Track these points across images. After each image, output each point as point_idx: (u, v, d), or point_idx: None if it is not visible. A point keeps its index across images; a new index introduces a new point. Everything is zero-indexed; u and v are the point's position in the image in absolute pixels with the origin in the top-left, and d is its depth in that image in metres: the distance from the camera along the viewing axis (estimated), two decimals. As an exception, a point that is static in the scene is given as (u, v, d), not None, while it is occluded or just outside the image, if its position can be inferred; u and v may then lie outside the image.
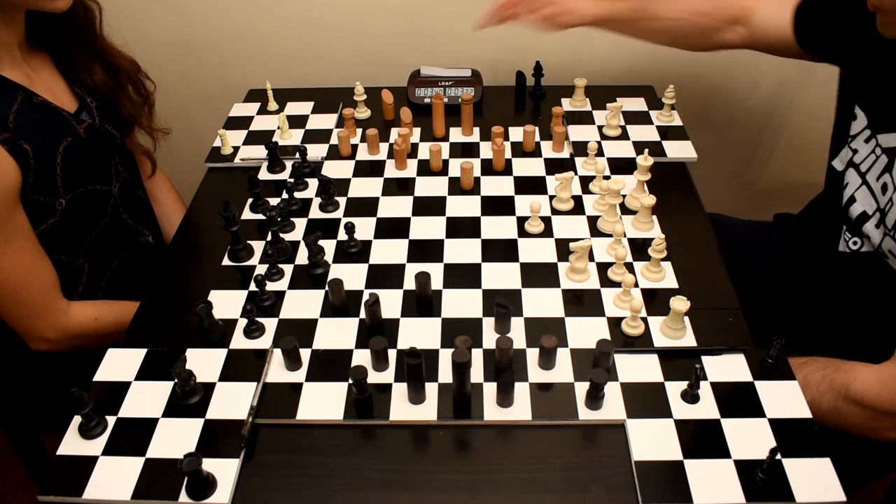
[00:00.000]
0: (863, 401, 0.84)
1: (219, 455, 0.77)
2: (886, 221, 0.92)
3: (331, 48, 1.57)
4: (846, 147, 1.02)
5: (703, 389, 0.83)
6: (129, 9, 1.50)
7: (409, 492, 0.76)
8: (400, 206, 1.14)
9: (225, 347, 0.91)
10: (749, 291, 1.15)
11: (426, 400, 0.83)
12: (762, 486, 0.73)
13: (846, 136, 1.03)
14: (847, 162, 1.02)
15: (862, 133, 0.99)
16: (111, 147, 1.09)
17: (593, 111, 1.36)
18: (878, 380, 0.84)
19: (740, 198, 1.79)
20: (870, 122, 0.98)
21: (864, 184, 0.98)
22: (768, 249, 1.23)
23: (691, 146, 1.26)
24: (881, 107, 0.97)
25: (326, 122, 1.36)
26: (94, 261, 1.09)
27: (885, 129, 0.94)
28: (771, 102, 1.63)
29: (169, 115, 1.25)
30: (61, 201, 0.99)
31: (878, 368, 0.85)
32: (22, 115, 0.93)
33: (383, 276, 1.01)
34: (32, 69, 1.01)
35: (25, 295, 0.96)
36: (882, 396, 0.83)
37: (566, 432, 0.81)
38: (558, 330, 0.92)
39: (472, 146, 1.28)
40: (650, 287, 0.98)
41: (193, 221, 1.16)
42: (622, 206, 1.12)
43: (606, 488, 0.75)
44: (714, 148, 1.69)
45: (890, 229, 0.91)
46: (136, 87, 1.14)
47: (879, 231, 0.94)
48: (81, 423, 0.79)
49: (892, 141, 0.93)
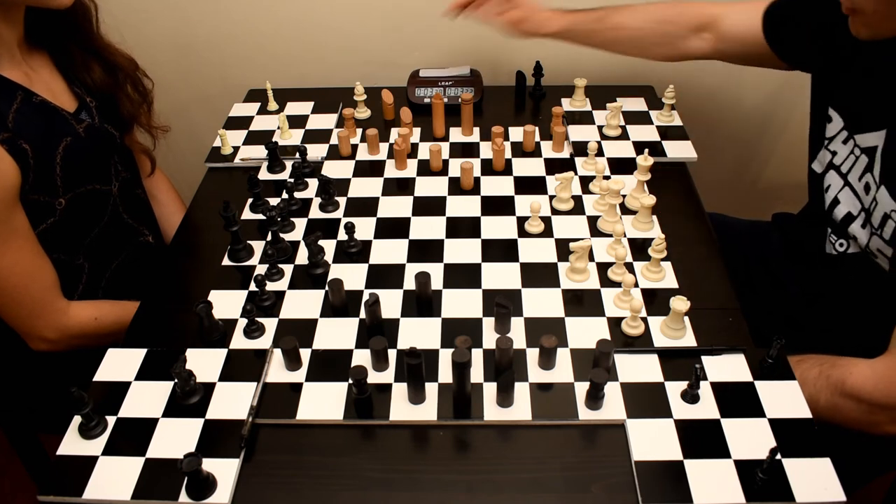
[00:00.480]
0: (859, 395, 0.84)
1: (219, 455, 0.77)
2: (872, 221, 0.92)
3: (331, 48, 1.57)
4: (823, 149, 1.03)
5: (703, 389, 0.83)
6: (130, 9, 1.50)
7: (409, 492, 0.76)
8: (400, 206, 1.14)
9: (225, 347, 0.91)
10: (749, 291, 1.15)
11: (426, 400, 0.83)
12: (762, 486, 0.73)
13: (822, 138, 1.03)
14: (826, 164, 1.02)
15: (839, 135, 0.99)
16: (111, 147, 1.09)
17: (593, 111, 1.36)
18: (873, 374, 0.85)
19: (740, 198, 1.79)
20: (846, 124, 0.98)
21: (847, 185, 0.98)
22: (768, 249, 1.23)
23: (691, 146, 1.26)
24: (856, 107, 0.97)
25: (326, 122, 1.36)
26: (93, 260, 1.09)
27: (862, 129, 0.95)
28: (771, 102, 1.63)
29: (169, 114, 1.25)
30: (61, 201, 0.99)
31: (873, 363, 0.86)
32: (21, 115, 0.93)
33: (383, 276, 1.01)
34: (32, 69, 1.01)
35: (25, 295, 0.96)
36: (878, 390, 0.84)
37: (566, 432, 0.81)
38: (558, 330, 0.92)
39: (472, 146, 1.28)
40: (650, 287, 0.98)
41: (193, 221, 1.16)
42: (622, 206, 1.12)
43: (606, 488, 0.75)
44: (714, 148, 1.69)
45: (876, 228, 0.91)
46: (135, 84, 1.14)
47: (866, 231, 0.95)
48: (81, 423, 0.79)
49: (870, 140, 0.93)
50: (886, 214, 0.89)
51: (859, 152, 0.95)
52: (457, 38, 1.54)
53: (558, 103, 1.36)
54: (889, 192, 0.88)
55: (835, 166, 1.00)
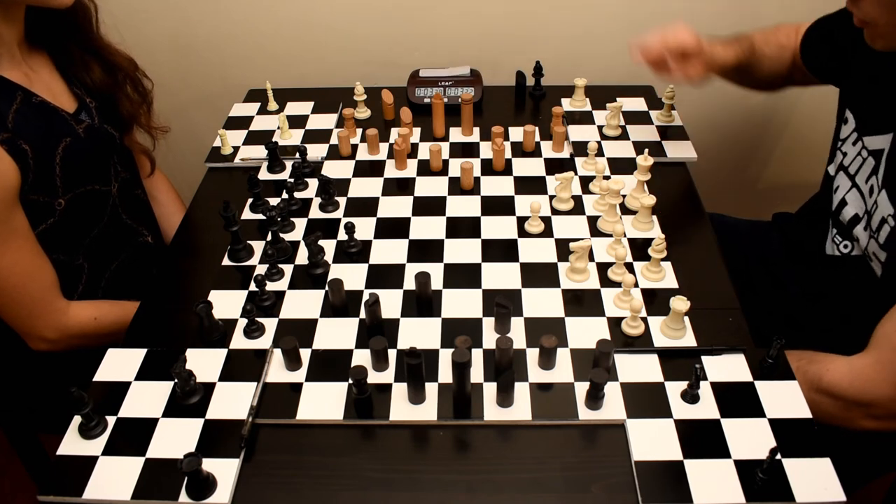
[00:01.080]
0: (835, 391, 0.85)
1: (219, 455, 0.77)
2: (872, 224, 0.93)
3: (331, 48, 1.58)
4: (837, 151, 1.03)
5: (703, 389, 0.83)
6: (130, 9, 1.50)
7: (409, 492, 0.76)
8: (400, 206, 1.14)
9: (225, 347, 0.91)
10: (749, 291, 1.15)
11: (426, 400, 0.83)
12: (762, 486, 0.73)
13: (838, 139, 1.03)
14: (838, 166, 1.02)
15: (850, 136, 1.00)
16: (110, 147, 1.09)
17: (593, 111, 1.36)
18: (849, 371, 0.86)
19: (740, 198, 1.79)
20: (857, 125, 0.98)
21: (854, 186, 0.98)
22: (768, 249, 1.23)
23: (691, 146, 1.26)
24: (867, 110, 0.97)
25: (326, 122, 1.36)
26: (93, 261, 1.09)
27: (870, 131, 0.95)
28: (771, 102, 1.63)
29: (169, 115, 1.25)
30: (60, 201, 0.99)
31: (851, 360, 0.87)
32: (21, 115, 0.93)
33: (383, 276, 1.01)
34: (32, 69, 1.01)
35: (25, 295, 0.96)
36: (853, 387, 0.85)
37: (566, 432, 0.81)
38: (558, 330, 0.91)
39: (472, 146, 1.28)
40: (650, 287, 0.98)
41: (193, 221, 1.16)
42: (622, 206, 1.12)
43: (606, 488, 0.75)
44: (714, 148, 1.69)
45: (874, 231, 0.92)
46: (135, 84, 1.14)
47: (867, 233, 0.95)
48: (81, 423, 0.79)
49: (877, 143, 0.94)
50: (884, 218, 0.89)
51: (867, 154, 0.95)
52: (457, 39, 1.54)
53: (558, 103, 1.36)
54: (889, 196, 0.88)
55: (844, 167, 1.01)
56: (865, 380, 0.85)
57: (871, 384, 0.84)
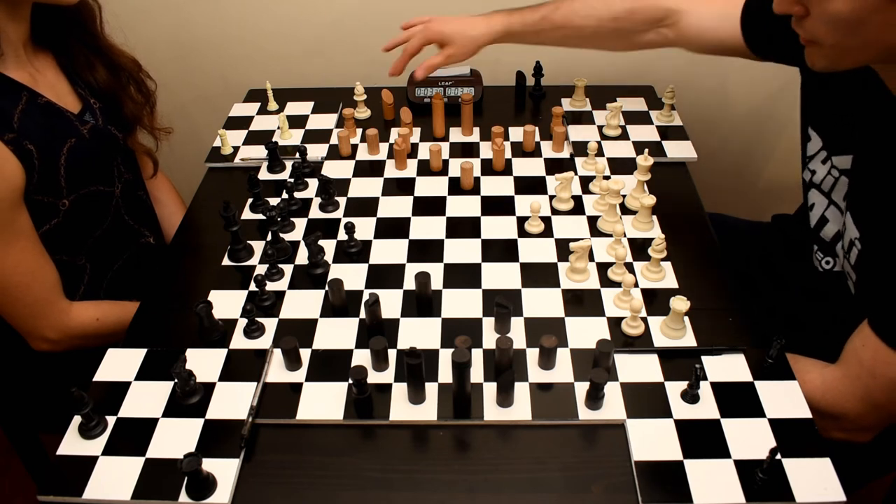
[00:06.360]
0: (809, 402, 0.84)
1: (219, 455, 0.77)
2: (843, 243, 0.92)
3: (331, 48, 1.57)
4: (805, 168, 1.02)
5: (703, 389, 0.83)
6: (130, 8, 1.50)
7: (409, 492, 0.76)
8: (400, 206, 1.14)
9: (225, 347, 0.91)
10: (749, 291, 1.15)
11: (426, 400, 0.83)
12: (762, 486, 0.73)
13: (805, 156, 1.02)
14: (808, 182, 1.01)
15: (818, 154, 0.98)
16: (114, 148, 1.09)
17: (593, 111, 1.36)
18: (822, 383, 0.86)
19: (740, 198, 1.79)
20: (824, 144, 0.97)
21: (832, 203, 0.97)
22: (768, 249, 1.23)
23: (691, 146, 1.26)
24: (833, 129, 0.96)
25: (326, 122, 1.36)
26: (95, 261, 1.09)
27: (839, 151, 0.94)
28: (771, 102, 1.63)
29: (169, 115, 1.25)
30: (64, 202, 0.99)
31: (824, 373, 0.87)
32: (26, 116, 0.93)
33: (383, 276, 1.01)
34: (37, 70, 1.01)
35: (27, 295, 0.96)
36: (825, 399, 0.85)
37: (566, 432, 0.81)
38: (558, 330, 0.92)
39: (472, 146, 1.28)
40: (650, 287, 0.98)
41: (193, 221, 1.16)
42: (622, 206, 1.12)
43: (606, 488, 0.75)
44: (714, 148, 1.69)
45: (847, 251, 0.91)
46: (138, 86, 1.14)
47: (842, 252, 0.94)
48: (81, 423, 0.79)
49: (846, 163, 0.92)
50: (852, 241, 0.88)
51: (837, 174, 0.94)
52: (457, 38, 1.53)
53: (558, 103, 1.36)
54: (853, 218, 0.88)
55: (815, 185, 0.99)
56: (836, 393, 0.84)
57: (840, 397, 0.84)
